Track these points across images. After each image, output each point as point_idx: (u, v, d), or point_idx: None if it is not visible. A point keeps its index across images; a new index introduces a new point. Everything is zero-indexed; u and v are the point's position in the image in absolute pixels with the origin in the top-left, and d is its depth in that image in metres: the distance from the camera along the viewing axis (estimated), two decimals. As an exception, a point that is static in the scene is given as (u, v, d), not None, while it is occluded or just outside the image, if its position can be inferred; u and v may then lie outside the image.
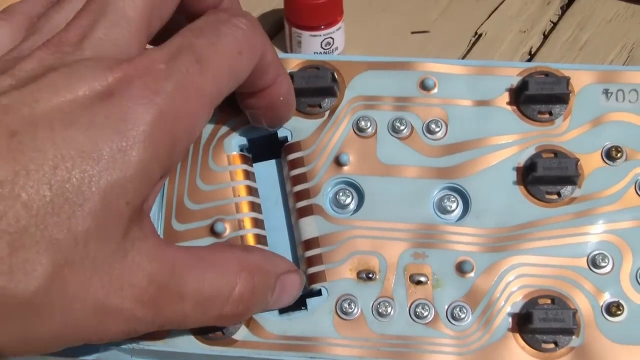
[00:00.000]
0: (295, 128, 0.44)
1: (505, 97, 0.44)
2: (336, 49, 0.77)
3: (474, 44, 0.77)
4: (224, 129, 0.44)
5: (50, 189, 0.28)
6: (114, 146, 0.29)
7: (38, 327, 0.29)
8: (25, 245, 0.28)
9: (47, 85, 0.29)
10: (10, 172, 0.27)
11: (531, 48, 0.77)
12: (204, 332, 0.40)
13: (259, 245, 0.42)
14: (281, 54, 0.46)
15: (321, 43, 0.76)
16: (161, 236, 0.42)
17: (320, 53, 0.77)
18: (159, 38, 0.35)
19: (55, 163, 0.28)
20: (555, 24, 0.78)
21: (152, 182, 0.31)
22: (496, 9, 0.80)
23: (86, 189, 0.29)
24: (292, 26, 0.76)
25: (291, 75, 0.44)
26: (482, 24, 0.79)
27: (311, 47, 0.76)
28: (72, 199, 0.28)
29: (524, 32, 0.77)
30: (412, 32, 0.79)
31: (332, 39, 0.76)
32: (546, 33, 0.78)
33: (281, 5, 0.78)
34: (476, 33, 0.78)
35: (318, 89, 0.43)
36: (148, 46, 0.34)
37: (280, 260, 0.39)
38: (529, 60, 0.75)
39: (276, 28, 0.82)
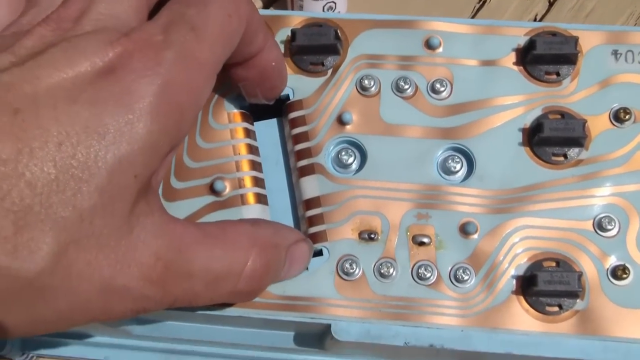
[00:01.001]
0: (297, 86, 0.43)
1: (512, 57, 0.43)
2: (339, 13, 0.76)
3: (478, 10, 0.76)
4: (224, 86, 0.43)
5: (55, 166, 0.27)
6: (120, 120, 0.29)
7: (44, 307, 0.29)
8: (30, 223, 0.27)
9: (48, 61, 0.29)
10: (13, 150, 0.27)
11: (536, 15, 0.75)
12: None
13: (259, 205, 0.41)
14: (283, 11, 0.46)
15: (323, 7, 0.75)
16: (160, 194, 0.42)
17: (323, 18, 0.76)
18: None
19: (60, 140, 0.27)
20: (561, -9, 0.77)
21: (160, 155, 0.31)
22: (501, -26, 0.79)
23: (92, 164, 0.28)
24: (294, -10, 0.75)
25: (293, 32, 0.43)
26: (486, -10, 0.77)
27: (313, 11, 0.75)
28: (78, 175, 0.28)
29: (529, -1, 0.76)
30: (416, -2, 0.78)
31: (335, 3, 0.75)
32: (551, 0, 0.77)
33: (283, -31, 0.77)
34: (480, -1, 0.77)
35: (321, 46, 0.43)
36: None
37: (288, 232, 0.38)
38: (534, 27, 0.74)
39: (278, -8, 0.80)
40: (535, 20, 0.74)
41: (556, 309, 0.39)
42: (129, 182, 0.29)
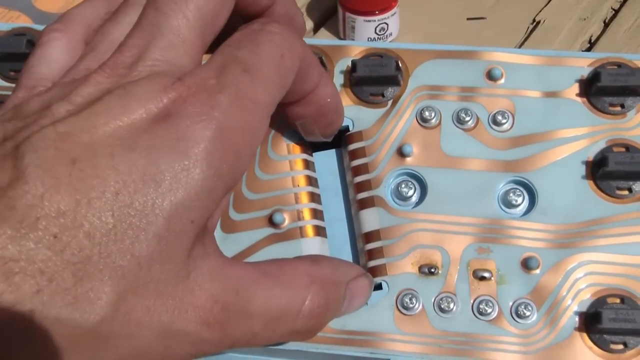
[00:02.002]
0: (357, 117, 0.43)
1: (575, 88, 0.42)
2: (390, 34, 0.76)
3: (531, 31, 0.75)
4: (283, 117, 0.43)
5: (113, 216, 0.27)
6: (176, 166, 0.28)
7: (105, 355, 0.29)
8: (89, 274, 0.27)
9: (104, 109, 0.29)
10: (72, 202, 0.27)
11: (591, 36, 0.75)
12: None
13: (318, 237, 0.41)
14: (344, 42, 0.46)
15: (375, 28, 0.75)
16: (218, 226, 0.42)
17: (374, 39, 0.76)
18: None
19: (117, 189, 0.27)
20: (616, 12, 0.76)
21: (217, 198, 0.30)
22: (555, -5, 0.78)
23: (149, 212, 0.28)
24: (346, 11, 0.75)
25: (354, 63, 0.43)
26: (540, 11, 0.77)
27: (365, 32, 0.75)
28: (136, 223, 0.28)
29: (584, 19, 0.75)
30: (468, 19, 0.77)
31: (387, 24, 0.75)
32: (607, 21, 0.76)
33: (334, -10, 0.77)
34: (534, 20, 0.76)
35: (381, 77, 0.42)
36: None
37: (348, 268, 0.38)
38: (589, 49, 0.73)
39: (329, 13, 0.81)
40: (590, 41, 0.74)
41: (621, 347, 0.38)
42: (186, 228, 0.29)
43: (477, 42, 0.73)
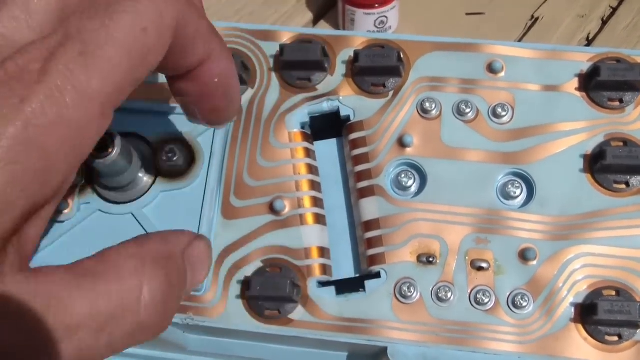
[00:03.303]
0: (358, 107, 0.43)
1: (575, 82, 0.43)
2: (390, 27, 0.76)
3: (530, 27, 0.76)
4: (285, 105, 0.43)
5: None
6: None
7: None
8: None
9: None
10: None
11: (589, 33, 0.75)
12: (260, 310, 0.40)
13: (317, 225, 0.41)
14: (346, 32, 0.46)
15: (375, 21, 0.75)
16: (219, 212, 0.42)
17: (374, 32, 0.76)
18: None
19: None
20: (615, 10, 0.76)
21: (14, 214, 0.25)
22: (554, -8, 0.78)
23: None
24: (346, 3, 0.75)
25: (356, 53, 0.43)
26: (539, 7, 0.77)
27: (365, 25, 0.75)
28: None
29: (582, 16, 0.76)
30: (467, 14, 0.78)
31: (386, 17, 0.75)
32: (605, 18, 0.76)
33: (334, -17, 0.77)
34: (533, 16, 0.77)
35: (383, 68, 0.43)
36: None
37: (178, 235, 0.32)
38: (587, 46, 0.73)
39: (328, 5, 0.81)
40: (588, 38, 0.74)
41: (616, 338, 0.38)
42: None
43: (476, 37, 0.73)
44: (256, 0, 0.80)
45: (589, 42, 0.74)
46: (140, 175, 0.42)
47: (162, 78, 0.45)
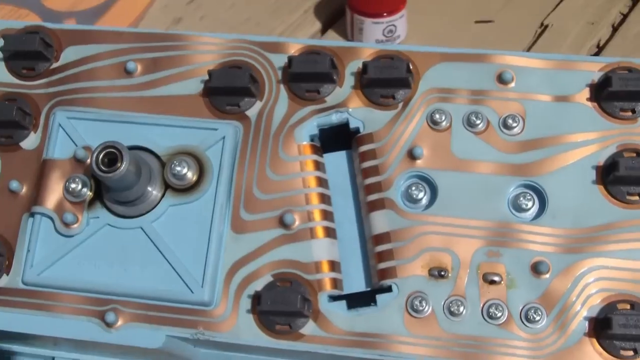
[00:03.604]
0: (367, 119, 0.43)
1: (586, 92, 0.42)
2: (398, 36, 0.76)
3: (539, 35, 0.75)
4: (294, 117, 0.43)
5: None
6: None
7: None
8: None
9: None
10: None
11: (599, 41, 0.75)
12: (270, 325, 0.40)
13: (328, 238, 0.41)
14: (355, 43, 0.46)
15: (383, 30, 0.75)
16: (229, 226, 0.42)
17: (382, 41, 0.76)
18: None
19: None
20: (625, 16, 0.76)
21: None
22: (563, -1, 0.78)
23: None
24: (355, 13, 0.75)
25: (365, 64, 0.43)
26: (548, 15, 0.77)
27: (373, 34, 0.75)
28: None
29: (592, 24, 0.75)
30: (476, 22, 0.77)
31: (395, 26, 0.75)
32: (615, 25, 0.76)
33: (342, -8, 0.77)
34: (542, 24, 0.76)
35: (392, 79, 0.42)
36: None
37: None
38: (597, 53, 0.73)
39: (336, 15, 0.81)
40: (598, 46, 0.74)
41: (631, 353, 0.38)
42: None
43: (485, 45, 0.73)
44: (263, 11, 0.80)
45: (600, 49, 0.74)
46: (149, 189, 0.42)
47: (171, 90, 0.45)
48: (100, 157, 0.40)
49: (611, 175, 0.40)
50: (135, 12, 0.80)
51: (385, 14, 0.74)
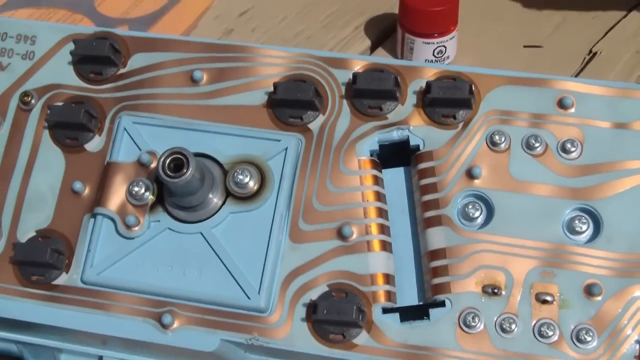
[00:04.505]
0: (428, 137, 0.44)
1: (646, 120, 0.43)
2: (447, 57, 0.77)
3: (587, 62, 0.76)
4: (356, 132, 0.44)
5: None
6: None
7: None
8: None
9: None
10: None
11: (648, 70, 0.75)
12: (325, 334, 0.41)
13: (384, 252, 0.42)
14: (418, 63, 0.47)
15: (433, 51, 0.75)
16: (287, 236, 0.43)
17: (432, 61, 0.77)
18: None
19: None
20: (674, 47, 0.76)
21: None
22: (613, 27, 0.78)
23: None
24: (406, 32, 0.76)
25: (429, 84, 0.43)
26: (597, 42, 0.77)
27: (423, 54, 0.76)
28: None
29: (641, 53, 0.76)
30: (525, 46, 0.78)
31: (445, 47, 0.75)
32: (664, 55, 0.76)
33: (393, 10, 0.78)
34: (590, 51, 0.76)
35: (454, 100, 0.43)
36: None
37: None
38: (645, 82, 0.73)
39: (387, 32, 0.81)
40: (646, 75, 0.74)
41: (680, 378, 0.38)
42: None
43: (532, 70, 0.73)
44: (315, 25, 0.81)
45: (648, 78, 0.74)
46: (210, 195, 0.43)
47: (236, 100, 0.46)
48: (167, 162, 0.41)
49: (667, 203, 0.41)
50: (187, 22, 0.81)
51: (436, 35, 0.74)
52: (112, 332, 0.43)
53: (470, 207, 0.42)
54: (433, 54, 0.76)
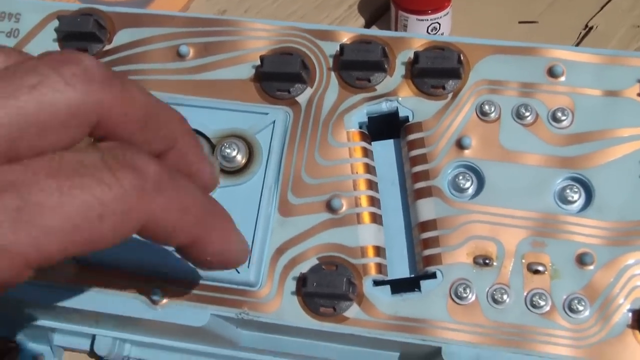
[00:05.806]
0: (417, 108, 0.43)
1: (636, 88, 0.42)
2: (442, 34, 0.76)
3: (583, 37, 0.75)
4: (344, 105, 0.44)
5: None
6: None
7: None
8: None
9: None
10: None
11: (644, 43, 0.74)
12: (315, 307, 0.40)
13: (374, 224, 0.42)
14: (406, 34, 0.46)
15: (427, 28, 0.75)
16: (276, 209, 0.42)
17: (426, 38, 0.76)
18: None
19: None
20: (670, 20, 0.76)
21: None
22: (609, 1, 0.78)
23: None
24: (399, 9, 0.75)
25: (416, 54, 0.43)
26: (593, 17, 0.77)
27: (417, 31, 0.75)
28: None
29: (638, 27, 0.75)
30: (520, 22, 0.77)
31: (439, 24, 0.75)
32: (660, 28, 0.75)
33: (388, -12, 0.77)
34: (586, 26, 0.76)
35: (443, 70, 0.43)
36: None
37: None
38: (641, 56, 0.73)
39: (381, 11, 0.81)
40: (642, 49, 0.73)
41: (674, 345, 0.38)
42: None
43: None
44: (309, 4, 0.80)
45: (643, 52, 0.73)
46: (198, 170, 0.43)
47: (222, 75, 0.45)
48: (153, 137, 0.40)
49: (658, 170, 0.40)
50: (180, 3, 0.80)
51: (430, 12, 0.74)
52: (101, 308, 0.43)
53: (460, 177, 0.42)
54: (427, 31, 0.75)
